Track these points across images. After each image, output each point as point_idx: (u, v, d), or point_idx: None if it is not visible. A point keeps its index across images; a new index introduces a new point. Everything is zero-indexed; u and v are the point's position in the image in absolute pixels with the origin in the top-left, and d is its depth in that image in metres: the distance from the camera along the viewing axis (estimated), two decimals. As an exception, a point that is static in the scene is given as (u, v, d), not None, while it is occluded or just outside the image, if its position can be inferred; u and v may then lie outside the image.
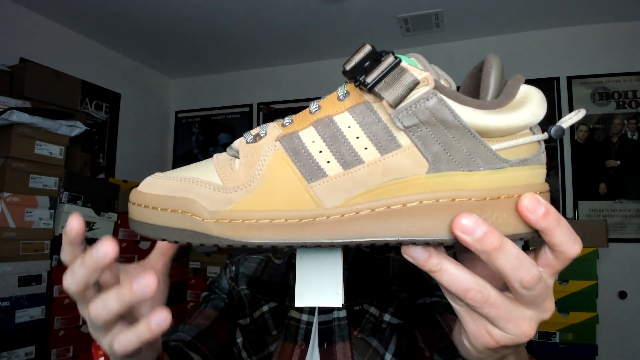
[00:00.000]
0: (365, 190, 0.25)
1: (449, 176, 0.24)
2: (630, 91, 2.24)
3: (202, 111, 3.25)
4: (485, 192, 0.24)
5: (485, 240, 0.23)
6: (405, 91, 0.24)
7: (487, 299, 0.25)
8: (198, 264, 2.34)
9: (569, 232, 0.25)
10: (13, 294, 1.56)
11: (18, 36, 2.19)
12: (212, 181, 0.27)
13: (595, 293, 1.79)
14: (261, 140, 0.27)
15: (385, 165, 0.25)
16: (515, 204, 0.24)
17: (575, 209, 2.27)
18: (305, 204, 0.25)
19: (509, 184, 0.25)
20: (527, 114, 0.24)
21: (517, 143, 0.25)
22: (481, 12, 2.25)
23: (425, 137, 0.24)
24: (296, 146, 0.26)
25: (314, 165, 0.25)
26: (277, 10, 2.28)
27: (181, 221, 0.26)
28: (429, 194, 0.24)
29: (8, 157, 1.57)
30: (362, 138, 0.25)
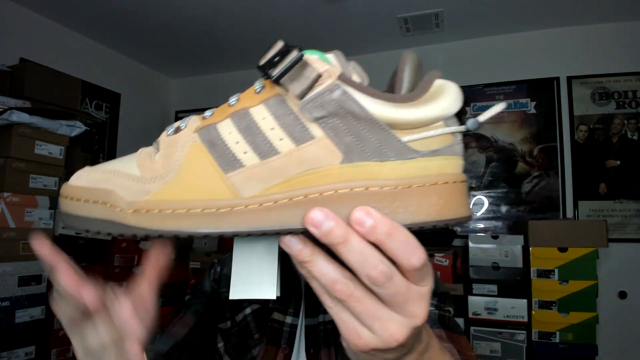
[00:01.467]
0: (282, 180, 0.25)
1: (362, 166, 0.25)
2: (630, 91, 2.24)
3: (202, 111, 3.23)
4: (396, 181, 0.25)
5: (330, 235, 0.24)
6: (309, 83, 0.25)
7: (353, 292, 0.26)
8: (198, 264, 2.34)
9: (403, 245, 0.25)
10: (13, 294, 1.56)
11: (18, 36, 2.19)
12: (131, 172, 0.27)
13: (595, 293, 1.79)
14: (181, 132, 0.28)
15: (300, 155, 0.25)
16: (427, 193, 0.25)
17: (575, 209, 2.27)
18: (222, 194, 0.25)
19: (420, 174, 0.25)
20: (437, 107, 0.25)
21: (427, 135, 0.25)
22: (481, 12, 2.25)
23: (336, 129, 0.25)
24: (213, 137, 0.27)
25: (230, 156, 0.26)
26: (277, 10, 2.28)
27: (101, 212, 0.26)
28: (343, 183, 0.25)
29: (8, 157, 1.57)
30: (277, 129, 0.26)
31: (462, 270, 2.06)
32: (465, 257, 2.01)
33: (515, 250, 1.90)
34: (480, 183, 2.46)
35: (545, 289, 1.83)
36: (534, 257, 1.86)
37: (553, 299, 1.82)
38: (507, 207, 2.40)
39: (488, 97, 2.50)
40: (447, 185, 0.26)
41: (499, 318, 1.86)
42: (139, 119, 3.03)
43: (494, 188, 2.43)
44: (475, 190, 2.47)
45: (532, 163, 2.38)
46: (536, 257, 1.85)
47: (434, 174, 0.26)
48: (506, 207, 2.40)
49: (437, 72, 0.27)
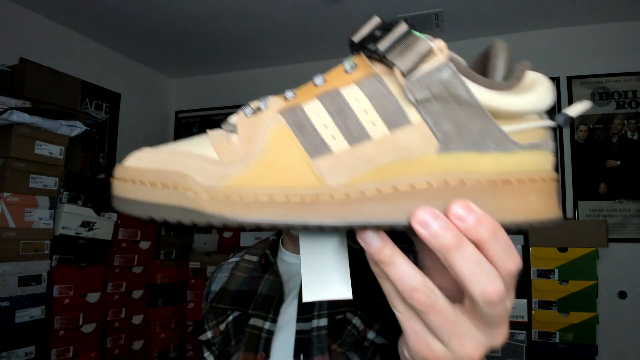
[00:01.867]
0: (372, 169, 0.23)
1: (460, 157, 0.23)
2: (630, 91, 2.24)
3: (202, 111, 3.25)
4: (495, 175, 0.23)
5: (440, 238, 0.22)
6: (418, 59, 0.22)
7: (434, 304, 0.23)
8: (198, 264, 2.34)
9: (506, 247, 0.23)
10: (13, 294, 1.56)
11: (18, 36, 2.19)
12: (208, 155, 0.24)
13: (595, 293, 1.79)
14: (262, 114, 0.26)
15: (394, 142, 0.23)
16: (526, 189, 0.24)
17: (575, 209, 2.27)
18: (308, 180, 0.23)
19: (520, 168, 0.24)
20: (536, 98, 0.24)
21: (527, 127, 0.24)
22: (481, 12, 2.25)
23: (436, 114, 0.23)
24: (300, 119, 0.24)
25: (318, 139, 0.24)
26: (277, 10, 2.27)
27: (171, 197, 0.23)
28: (437, 175, 0.23)
29: (8, 157, 1.57)
30: (371, 112, 0.23)
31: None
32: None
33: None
34: (480, 183, 2.46)
35: (545, 289, 1.83)
36: (534, 257, 1.86)
37: (553, 299, 1.82)
38: (507, 207, 2.40)
39: (488, 97, 2.50)
40: (544, 182, 0.24)
41: (499, 318, 1.86)
42: (139, 119, 3.03)
43: (494, 188, 2.43)
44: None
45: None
46: (536, 257, 1.85)
47: (533, 169, 0.24)
48: (506, 207, 2.40)
49: (528, 63, 0.25)
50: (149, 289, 2.20)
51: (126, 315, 2.06)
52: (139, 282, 2.14)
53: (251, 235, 2.38)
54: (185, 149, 0.25)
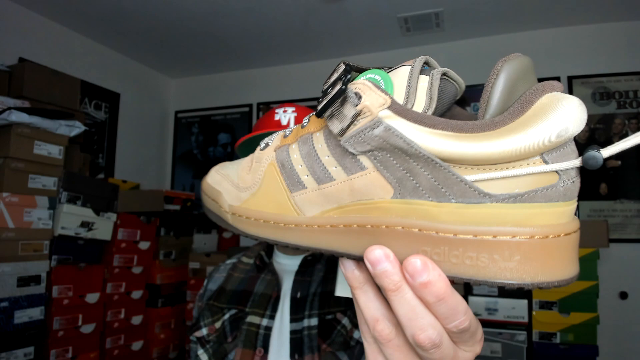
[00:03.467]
0: (337, 206, 0.26)
1: (416, 204, 0.22)
2: (631, 91, 2.24)
3: (202, 111, 3.25)
4: (456, 228, 0.21)
5: (383, 277, 0.23)
6: (347, 123, 0.23)
7: (393, 339, 0.24)
8: (198, 264, 2.33)
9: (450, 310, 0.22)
10: (12, 294, 1.56)
11: (17, 36, 2.19)
12: (234, 180, 0.31)
13: (596, 293, 1.78)
14: (266, 149, 0.30)
15: (351, 185, 0.24)
16: (495, 247, 0.21)
17: (576, 209, 2.26)
18: (290, 211, 0.27)
19: (489, 222, 0.21)
20: (525, 138, 0.20)
21: (505, 174, 0.21)
22: (481, 12, 2.25)
23: (386, 162, 0.23)
24: (284, 158, 0.28)
25: (295, 177, 0.27)
26: (277, 10, 2.27)
27: (215, 208, 0.32)
28: (396, 219, 0.23)
29: (7, 157, 1.57)
30: (331, 157, 0.25)
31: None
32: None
33: (515, 251, 1.89)
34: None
35: (545, 290, 1.82)
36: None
37: (554, 299, 1.81)
38: (508, 207, 2.39)
39: (488, 97, 2.49)
40: (532, 241, 0.20)
41: (499, 318, 1.85)
42: (139, 119, 3.02)
43: (494, 188, 2.43)
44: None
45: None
46: (537, 257, 1.85)
47: (510, 225, 0.21)
48: (506, 207, 2.39)
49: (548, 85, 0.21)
50: (149, 290, 2.20)
51: (125, 316, 2.06)
52: (139, 283, 2.14)
53: (251, 235, 2.38)
54: (228, 172, 0.32)
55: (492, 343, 1.85)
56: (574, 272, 0.22)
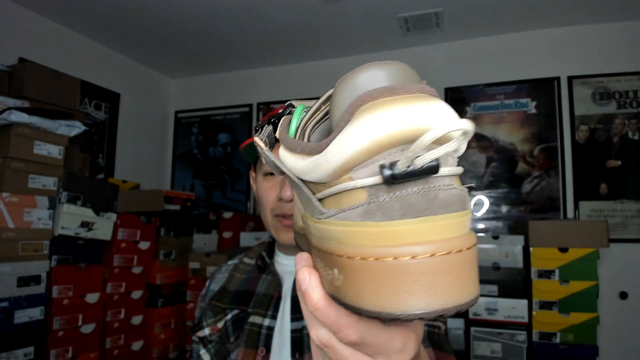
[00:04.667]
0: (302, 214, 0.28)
1: (307, 218, 0.25)
2: (631, 91, 2.24)
3: (202, 111, 3.24)
4: (316, 241, 0.23)
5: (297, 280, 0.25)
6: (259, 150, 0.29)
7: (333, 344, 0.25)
8: (198, 264, 2.33)
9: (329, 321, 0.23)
10: (12, 294, 1.56)
11: (17, 36, 2.19)
12: None
13: (596, 293, 1.78)
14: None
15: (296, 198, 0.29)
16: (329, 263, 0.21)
17: (576, 209, 2.26)
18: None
19: (326, 237, 0.22)
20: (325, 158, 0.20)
21: (330, 192, 0.21)
22: (481, 12, 2.25)
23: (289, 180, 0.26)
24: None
25: None
26: (277, 10, 2.27)
27: None
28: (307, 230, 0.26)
29: (7, 157, 1.57)
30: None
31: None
32: (466, 258, 2.00)
33: (515, 251, 1.89)
34: (481, 183, 2.45)
35: (545, 290, 1.82)
36: (534, 257, 1.85)
37: (554, 299, 1.81)
38: (508, 207, 2.39)
39: (488, 97, 2.49)
40: (350, 261, 0.20)
41: (499, 318, 1.85)
42: (139, 119, 3.02)
43: (494, 188, 2.43)
44: (475, 190, 2.47)
45: (533, 163, 2.37)
46: (537, 257, 1.85)
47: (334, 242, 0.21)
48: (506, 208, 2.39)
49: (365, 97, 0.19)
50: (149, 290, 2.20)
51: (125, 316, 2.06)
52: (139, 283, 2.13)
53: (251, 236, 2.38)
54: None
55: (492, 343, 1.85)
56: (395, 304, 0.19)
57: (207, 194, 3.14)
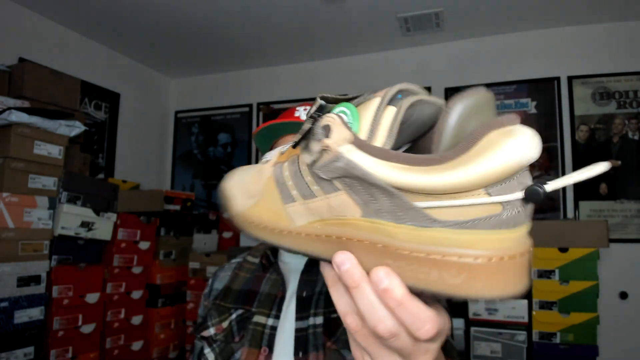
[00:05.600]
0: (320, 219, 0.30)
1: (380, 224, 0.26)
2: (631, 91, 2.24)
3: (202, 111, 3.25)
4: (411, 246, 0.25)
5: (345, 276, 0.27)
6: (315, 156, 0.28)
7: (360, 329, 0.29)
8: (198, 264, 2.33)
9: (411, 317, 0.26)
10: (12, 294, 1.56)
11: (17, 36, 2.19)
12: (244, 188, 0.36)
13: (596, 293, 1.78)
14: (267, 164, 0.35)
15: (329, 203, 0.29)
16: (443, 265, 0.24)
17: (576, 209, 2.26)
18: (284, 219, 0.32)
19: (437, 244, 0.24)
20: (465, 173, 0.22)
21: (451, 204, 0.23)
22: (481, 12, 2.25)
23: (353, 187, 0.27)
24: (278, 174, 0.33)
25: (287, 191, 0.32)
26: (277, 10, 2.27)
27: (230, 208, 0.36)
28: (366, 234, 0.27)
29: (7, 157, 1.57)
30: (311, 178, 0.30)
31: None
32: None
33: (515, 251, 1.89)
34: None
35: (545, 290, 1.82)
36: (534, 257, 1.85)
37: (554, 299, 1.81)
38: (508, 207, 2.39)
39: (488, 97, 2.49)
40: (476, 262, 0.23)
41: (499, 318, 1.85)
42: (139, 119, 3.02)
43: (494, 188, 2.43)
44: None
45: (533, 163, 2.37)
46: (537, 257, 1.85)
47: (455, 249, 0.23)
48: (506, 207, 2.39)
49: (496, 122, 0.22)
50: (149, 290, 2.20)
51: (125, 316, 2.06)
52: (139, 283, 2.14)
53: (251, 235, 2.38)
54: (242, 179, 0.36)
55: (492, 343, 1.85)
56: (519, 289, 0.24)
57: (207, 193, 3.14)
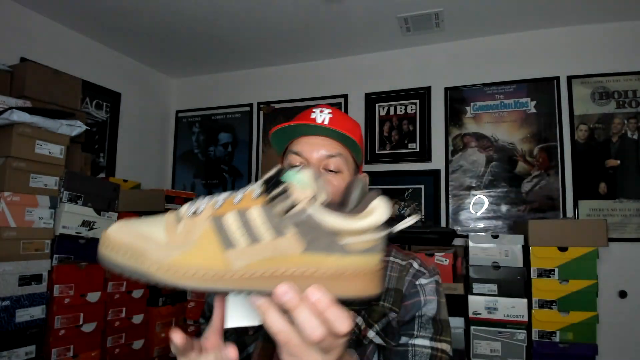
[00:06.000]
0: (260, 259, 0.37)
1: (315, 256, 0.37)
2: (630, 91, 2.24)
3: (203, 111, 3.25)
4: (336, 269, 0.37)
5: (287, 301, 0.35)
6: (290, 206, 0.37)
7: (290, 339, 0.36)
8: (198, 264, 2.34)
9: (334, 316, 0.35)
10: (13, 293, 1.57)
11: (18, 36, 2.20)
12: (160, 239, 0.38)
13: (595, 292, 1.79)
14: (198, 216, 0.39)
15: (275, 244, 0.37)
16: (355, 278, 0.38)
17: (576, 208, 2.27)
18: (219, 264, 0.36)
19: (353, 265, 0.38)
20: (368, 222, 0.38)
21: (360, 240, 0.38)
22: (481, 12, 2.25)
23: (306, 230, 0.37)
24: (220, 225, 0.38)
25: (230, 239, 0.37)
26: (277, 10, 2.28)
27: (133, 263, 0.37)
28: (299, 267, 0.37)
29: (8, 156, 1.57)
30: (265, 224, 0.37)
31: (462, 270, 2.06)
32: (466, 257, 2.01)
33: (515, 250, 1.90)
34: (481, 183, 2.46)
35: (545, 289, 1.83)
36: (534, 256, 1.86)
37: (553, 298, 1.82)
38: (507, 206, 2.40)
39: (488, 96, 2.50)
40: (367, 274, 0.38)
41: (499, 317, 1.86)
42: (140, 118, 3.03)
43: (494, 187, 2.43)
44: (475, 189, 2.47)
45: (532, 162, 2.38)
46: (536, 256, 1.85)
47: (362, 266, 0.38)
48: (506, 207, 2.40)
49: (373, 194, 0.40)
50: (150, 289, 2.20)
51: (126, 315, 2.06)
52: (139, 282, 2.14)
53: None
54: (146, 232, 0.38)
55: (492, 342, 1.86)
56: (378, 290, 0.40)
57: (207, 193, 3.15)
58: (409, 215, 2.57)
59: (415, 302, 0.66)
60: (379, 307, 0.65)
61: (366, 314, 0.64)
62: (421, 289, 0.67)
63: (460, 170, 2.51)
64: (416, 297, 0.66)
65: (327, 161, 0.67)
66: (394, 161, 2.65)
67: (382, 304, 0.65)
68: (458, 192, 2.50)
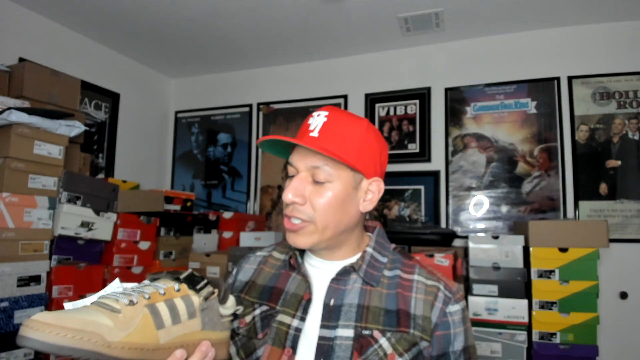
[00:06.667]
0: (177, 336, 0.53)
1: (207, 332, 0.56)
2: (631, 91, 2.24)
3: (202, 111, 3.25)
4: (218, 339, 0.58)
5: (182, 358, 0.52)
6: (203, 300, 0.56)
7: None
8: (198, 264, 2.33)
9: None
10: (12, 294, 1.56)
11: (17, 36, 2.19)
12: (107, 323, 0.47)
13: (596, 293, 1.78)
14: (136, 305, 0.50)
15: (188, 324, 0.54)
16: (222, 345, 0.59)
17: (576, 209, 2.26)
18: (152, 340, 0.50)
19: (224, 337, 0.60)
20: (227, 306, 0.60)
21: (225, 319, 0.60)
22: (481, 12, 2.25)
23: (207, 315, 0.56)
24: (154, 310, 0.51)
25: (161, 320, 0.51)
26: (277, 10, 2.27)
27: (88, 345, 0.44)
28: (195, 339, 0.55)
29: (7, 157, 1.57)
30: (183, 310, 0.54)
31: (462, 271, 2.06)
32: (466, 258, 2.01)
33: (515, 251, 1.89)
34: (481, 183, 2.46)
35: (545, 290, 1.82)
36: (534, 257, 1.85)
37: (554, 299, 1.81)
38: (508, 207, 2.39)
39: (488, 97, 2.49)
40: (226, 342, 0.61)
41: (499, 318, 1.85)
42: (139, 119, 3.02)
43: (494, 188, 2.43)
44: (475, 190, 2.47)
45: (533, 163, 2.37)
46: (537, 257, 1.85)
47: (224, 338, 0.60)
48: (507, 208, 2.40)
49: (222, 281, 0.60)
50: (149, 290, 2.20)
51: (125, 316, 2.06)
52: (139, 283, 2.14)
53: (251, 235, 2.38)
54: (92, 318, 0.46)
55: (492, 343, 1.85)
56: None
57: (207, 193, 3.14)
58: (409, 215, 2.56)
59: (446, 335, 0.64)
60: (409, 335, 0.63)
61: (391, 336, 0.63)
62: (451, 317, 0.65)
63: (460, 171, 2.51)
64: (447, 329, 0.64)
65: (313, 171, 0.65)
66: (394, 162, 2.65)
67: (412, 332, 0.63)
68: (458, 192, 2.49)
